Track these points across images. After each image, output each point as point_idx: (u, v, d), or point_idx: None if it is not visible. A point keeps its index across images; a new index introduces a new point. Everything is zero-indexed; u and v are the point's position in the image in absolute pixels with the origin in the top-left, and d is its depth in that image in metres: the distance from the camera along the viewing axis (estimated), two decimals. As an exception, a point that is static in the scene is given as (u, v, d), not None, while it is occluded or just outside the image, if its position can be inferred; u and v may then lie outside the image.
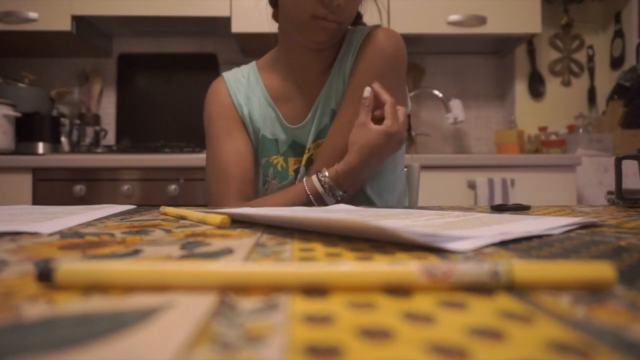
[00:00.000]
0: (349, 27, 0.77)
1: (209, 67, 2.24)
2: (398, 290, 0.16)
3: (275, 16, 0.82)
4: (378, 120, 0.68)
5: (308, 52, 0.76)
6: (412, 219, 0.37)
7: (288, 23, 0.74)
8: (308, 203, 0.69)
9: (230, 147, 0.77)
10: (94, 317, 0.14)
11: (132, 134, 2.23)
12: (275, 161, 0.80)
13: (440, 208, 0.57)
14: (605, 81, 2.28)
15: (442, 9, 1.90)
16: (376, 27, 0.76)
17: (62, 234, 0.32)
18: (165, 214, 0.48)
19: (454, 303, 0.15)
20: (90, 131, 2.09)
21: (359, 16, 0.83)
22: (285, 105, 0.80)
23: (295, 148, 0.79)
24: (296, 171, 0.79)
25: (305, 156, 0.78)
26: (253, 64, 0.86)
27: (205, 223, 0.38)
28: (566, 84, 2.30)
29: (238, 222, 0.40)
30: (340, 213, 0.42)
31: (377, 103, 0.68)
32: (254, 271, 0.17)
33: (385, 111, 0.67)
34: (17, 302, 0.15)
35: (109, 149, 2.05)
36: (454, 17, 1.89)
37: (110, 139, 2.23)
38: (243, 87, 0.82)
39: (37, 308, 0.14)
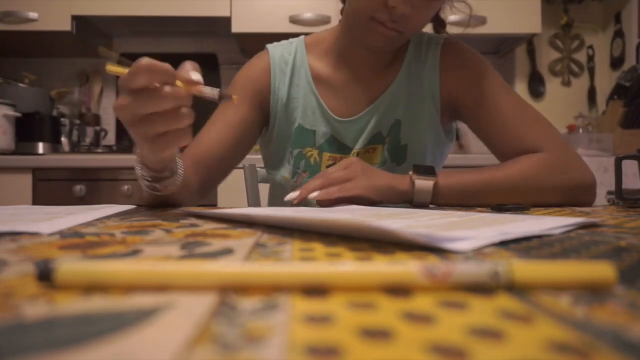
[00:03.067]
0: None
1: (209, 67, 2.24)
2: (398, 290, 0.16)
3: None
4: None
5: (364, 51, 0.72)
6: (414, 219, 0.37)
7: (351, 16, 0.68)
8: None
9: (215, 131, 0.72)
10: (94, 317, 0.14)
11: (132, 134, 2.22)
12: (309, 153, 0.75)
13: (439, 208, 0.57)
14: (605, 81, 2.28)
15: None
16: (444, 38, 0.77)
17: (62, 234, 0.32)
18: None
19: (454, 303, 0.15)
20: (90, 131, 2.09)
21: (441, 23, 0.80)
22: (331, 95, 0.75)
23: (333, 144, 0.75)
24: (329, 167, 0.74)
25: None
26: (301, 39, 0.79)
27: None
28: (566, 84, 2.30)
29: (238, 222, 0.40)
30: (342, 213, 0.42)
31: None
32: (254, 271, 0.17)
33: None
34: (17, 302, 0.15)
35: (109, 149, 2.05)
36: (454, 17, 1.88)
37: (110, 139, 2.23)
38: (288, 67, 0.76)
39: (37, 308, 0.14)
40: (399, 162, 0.76)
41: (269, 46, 0.78)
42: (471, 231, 0.30)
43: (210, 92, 0.43)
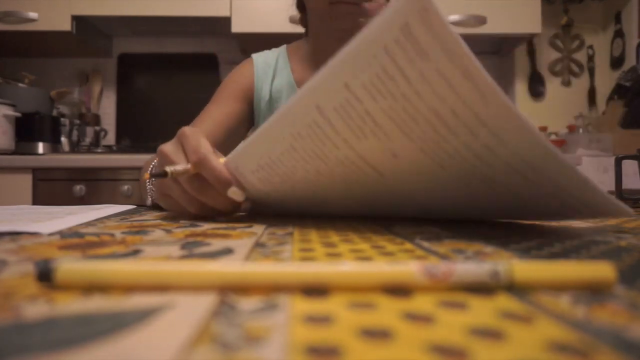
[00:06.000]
0: None
1: (209, 67, 2.24)
2: (398, 290, 0.16)
3: (300, 6, 0.80)
4: None
5: (336, 43, 0.74)
6: None
7: (312, 14, 0.72)
8: None
9: (205, 130, 0.73)
10: (94, 317, 0.14)
11: (132, 134, 2.23)
12: None
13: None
14: (605, 81, 2.28)
15: (442, 9, 1.90)
16: None
17: (62, 234, 0.32)
18: None
19: (454, 303, 0.15)
20: (90, 131, 2.09)
21: None
22: None
23: None
24: None
25: None
26: (283, 47, 0.84)
27: None
28: (566, 84, 2.30)
29: (237, 222, 0.40)
30: None
31: None
32: (254, 271, 0.17)
33: None
34: (17, 302, 0.15)
35: (109, 149, 2.06)
36: (454, 17, 1.89)
37: (110, 139, 2.23)
38: (271, 69, 0.80)
39: (37, 308, 0.14)
40: None
41: (253, 55, 0.83)
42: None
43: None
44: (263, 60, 0.81)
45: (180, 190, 0.40)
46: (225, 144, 0.75)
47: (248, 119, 0.81)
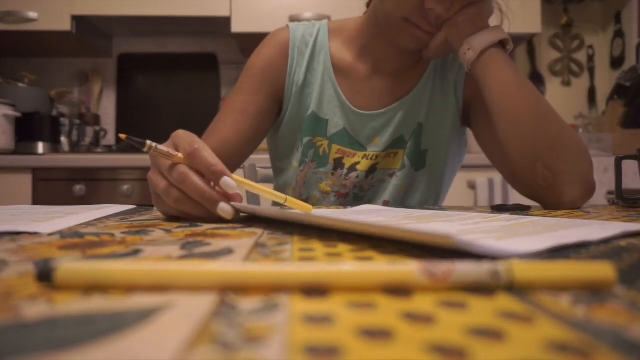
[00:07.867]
0: None
1: (208, 67, 2.24)
2: (398, 290, 0.16)
3: None
4: None
5: (391, 50, 0.68)
6: (457, 222, 0.34)
7: (381, 13, 0.64)
8: None
9: (232, 121, 0.69)
10: (94, 317, 0.14)
11: (132, 134, 2.22)
12: (319, 143, 0.72)
13: (441, 208, 0.57)
14: (605, 81, 2.28)
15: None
16: None
17: (62, 234, 0.32)
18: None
19: (454, 303, 0.15)
20: (90, 131, 2.09)
21: None
22: (349, 86, 0.72)
23: (344, 138, 0.72)
24: (337, 161, 0.72)
25: (368, 162, 0.72)
26: (325, 23, 0.75)
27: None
28: (566, 84, 2.30)
29: (238, 222, 0.39)
30: (376, 215, 0.40)
31: None
32: (254, 271, 0.17)
33: None
34: (17, 302, 0.15)
35: (109, 149, 2.06)
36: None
37: (110, 139, 2.23)
38: (308, 49, 0.72)
39: (37, 308, 0.14)
40: (418, 168, 0.73)
41: (291, 25, 0.74)
42: (528, 237, 0.27)
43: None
44: (301, 36, 0.73)
45: (165, 181, 0.40)
46: (251, 137, 0.70)
47: (274, 112, 0.74)
